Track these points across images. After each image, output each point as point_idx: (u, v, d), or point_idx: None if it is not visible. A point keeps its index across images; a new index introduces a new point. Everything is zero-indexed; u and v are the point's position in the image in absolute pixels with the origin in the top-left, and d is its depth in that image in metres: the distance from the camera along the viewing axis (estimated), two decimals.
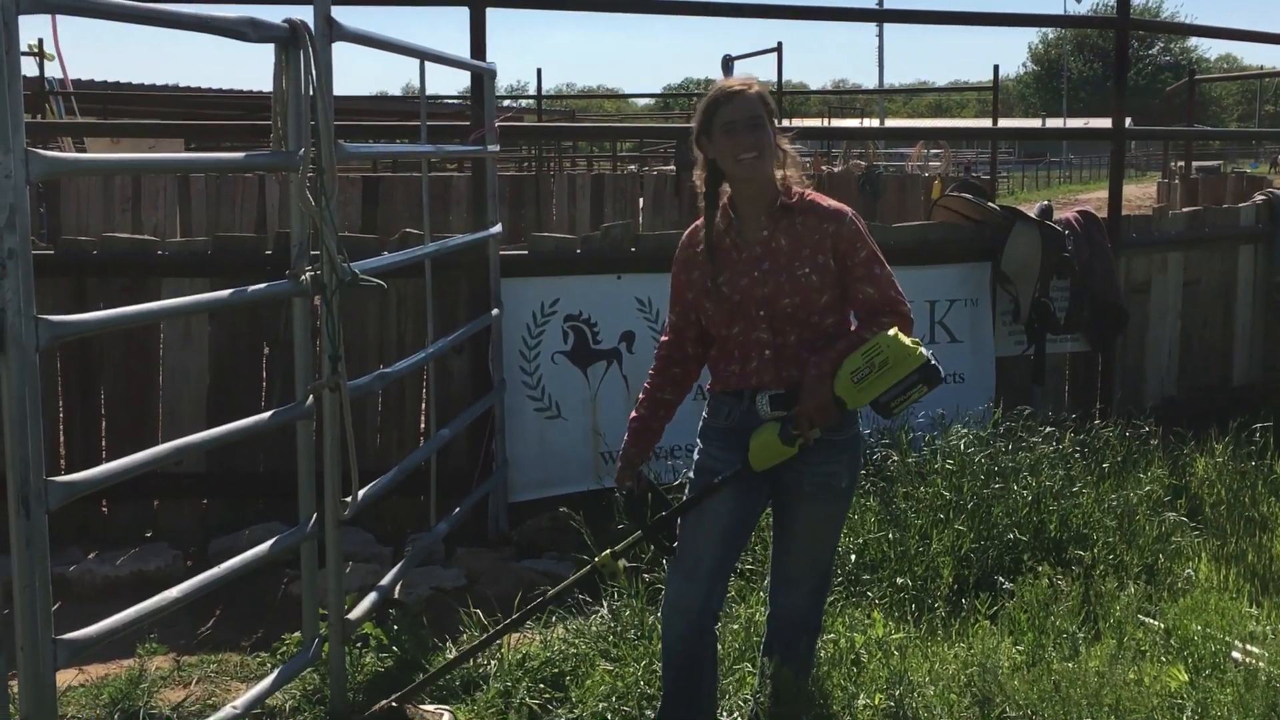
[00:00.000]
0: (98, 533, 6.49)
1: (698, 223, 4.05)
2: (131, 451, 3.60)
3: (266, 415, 4.32)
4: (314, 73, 4.09)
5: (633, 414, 4.17)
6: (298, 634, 4.89)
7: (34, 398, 3.01)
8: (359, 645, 4.96)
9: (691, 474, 4.09)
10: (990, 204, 7.97)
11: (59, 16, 8.84)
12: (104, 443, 6.64)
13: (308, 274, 4.22)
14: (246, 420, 4.17)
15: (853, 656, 4.60)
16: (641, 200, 16.61)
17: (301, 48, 4.05)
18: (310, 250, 4.26)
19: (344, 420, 4.30)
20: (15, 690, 3.11)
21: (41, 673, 3.08)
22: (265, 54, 4.08)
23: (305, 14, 4.18)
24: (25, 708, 3.08)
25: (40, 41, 14.72)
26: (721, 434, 3.99)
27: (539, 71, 23.67)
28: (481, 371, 6.64)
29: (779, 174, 3.94)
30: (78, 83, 17.72)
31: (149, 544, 6.38)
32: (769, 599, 4.27)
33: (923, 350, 3.77)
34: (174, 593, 3.63)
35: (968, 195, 8.08)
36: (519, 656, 4.78)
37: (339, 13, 4.33)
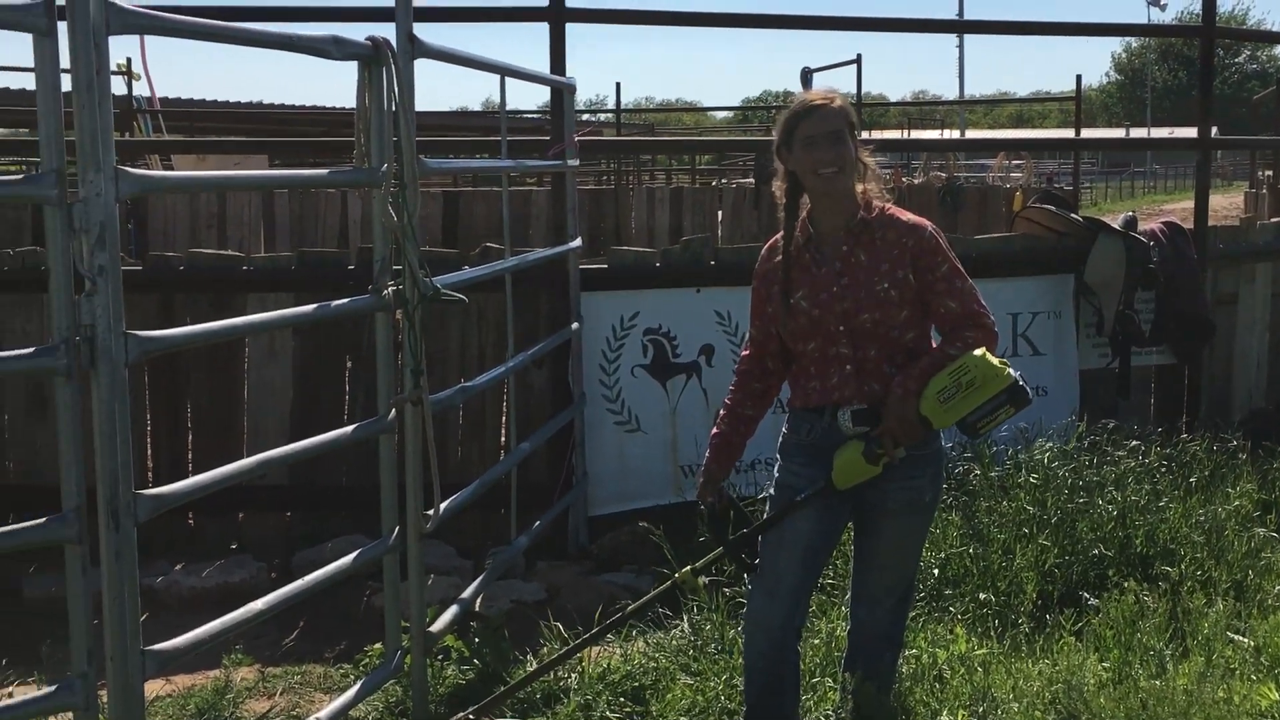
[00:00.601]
0: (184, 545, 6.58)
1: (777, 236, 4.03)
2: (217, 465, 3.65)
3: (350, 429, 4.36)
4: (396, 89, 4.13)
5: (714, 429, 4.16)
6: (380, 646, 4.93)
7: (123, 412, 3.06)
8: (440, 657, 4.98)
9: (772, 490, 4.07)
10: (1074, 215, 7.88)
11: (146, 36, 8.99)
12: (190, 456, 6.73)
13: (390, 289, 4.25)
14: (330, 434, 4.21)
15: (935, 672, 4.55)
16: (720, 213, 16.56)
17: (384, 65, 4.09)
18: (392, 265, 4.30)
19: (426, 434, 4.33)
20: (104, 700, 3.16)
21: (130, 683, 3.13)
22: (348, 71, 4.13)
23: (387, 31, 4.23)
24: (114, 717, 3.13)
25: (129, 61, 15.00)
26: (802, 450, 3.97)
27: (618, 85, 23.79)
28: (561, 385, 6.66)
29: (859, 188, 3.92)
30: (164, 100, 18.04)
31: (234, 556, 6.46)
32: (850, 614, 4.24)
33: (1011, 371, 3.73)
34: (259, 605, 3.67)
35: (1050, 207, 7.98)
36: (599, 670, 4.78)
37: (420, 29, 4.37)
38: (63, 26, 2.95)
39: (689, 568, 4.14)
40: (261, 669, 5.23)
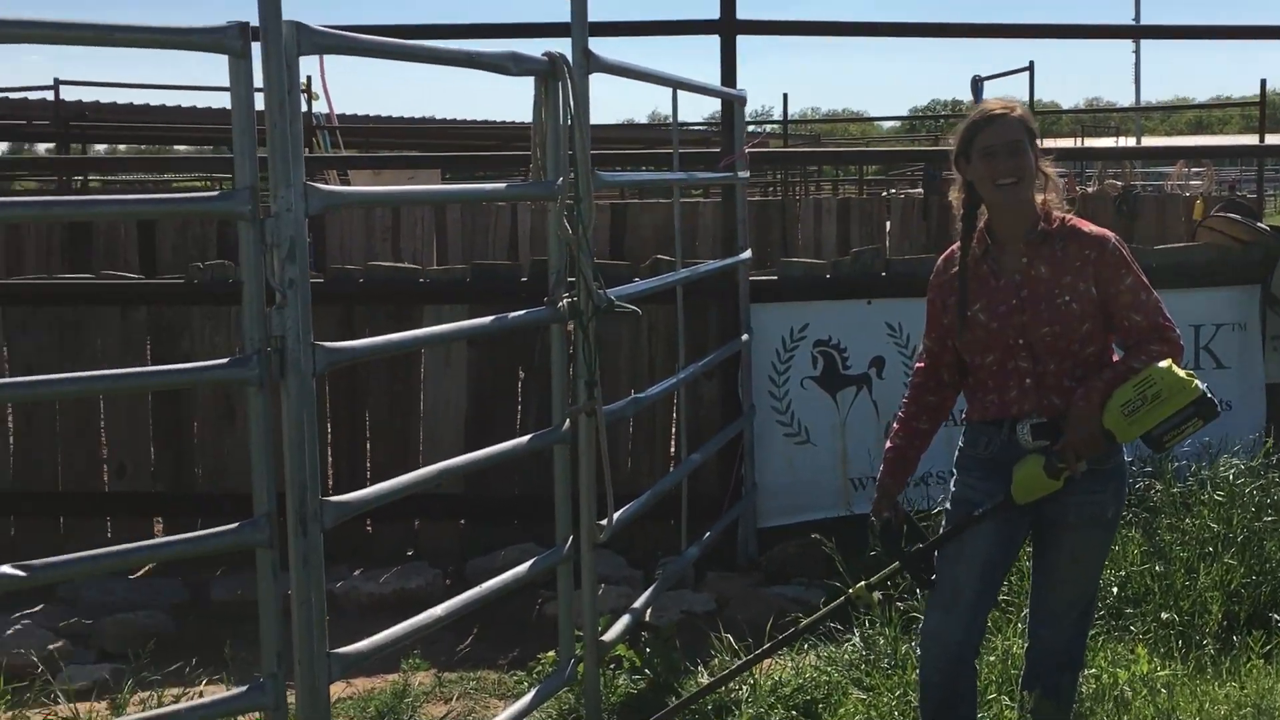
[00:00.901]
0: (363, 552, 6.74)
1: (954, 246, 3.97)
2: (394, 473, 3.73)
3: (526, 439, 4.41)
4: (572, 103, 4.18)
5: (888, 444, 4.11)
6: (552, 654, 4.98)
7: (311, 421, 3.15)
8: (612, 667, 5.02)
9: (948, 504, 4.01)
10: (1260, 224, 7.62)
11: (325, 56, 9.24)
12: (368, 464, 6.89)
13: (565, 300, 4.30)
14: (506, 444, 4.27)
15: (1116, 693, 4.43)
16: (888, 224, 16.42)
17: (560, 79, 4.14)
18: (566, 277, 4.35)
19: (600, 444, 4.36)
20: (292, 701, 3.25)
21: (317, 685, 3.22)
22: (516, 86, 4.19)
23: (561, 46, 4.28)
24: (302, 718, 3.22)
25: (309, 79, 15.44)
26: (980, 464, 3.90)
27: (785, 96, 23.72)
28: (731, 397, 6.66)
29: (1039, 199, 3.85)
30: (340, 117, 18.52)
31: (410, 563, 6.59)
32: (1029, 632, 4.16)
33: (1198, 383, 3.63)
34: (439, 611, 3.74)
35: (1234, 215, 7.73)
36: (771, 683, 4.77)
37: (592, 44, 4.41)
38: (255, 47, 3.05)
39: (863, 582, 4.10)
40: (438, 674, 5.33)
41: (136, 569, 6.50)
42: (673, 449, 6.87)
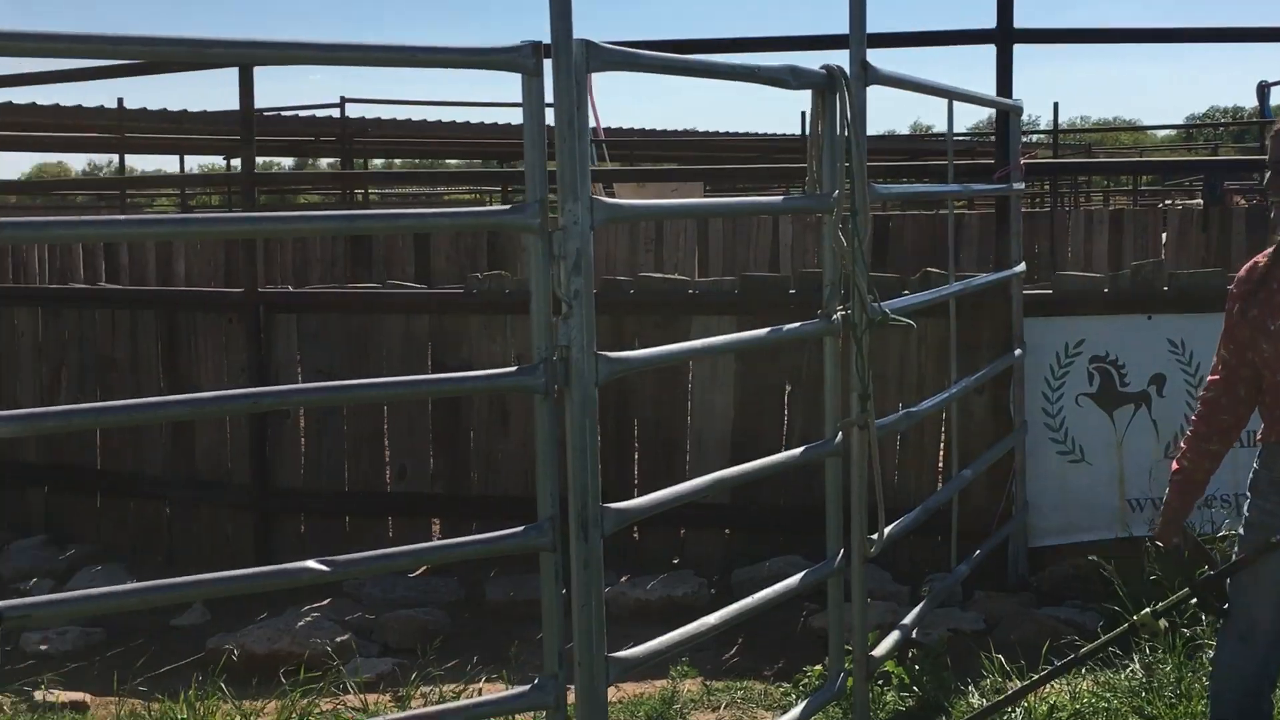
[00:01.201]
0: (630, 557, 6.84)
1: (1258, 256, 3.80)
2: (661, 481, 3.78)
3: (798, 452, 4.41)
4: (849, 116, 4.17)
5: (1174, 464, 3.94)
6: (819, 667, 4.98)
7: (593, 429, 3.23)
8: (880, 683, 4.98)
9: (1242, 529, 3.84)
10: None
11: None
12: (636, 472, 7.00)
13: (839, 313, 4.29)
14: (780, 456, 4.29)
15: None
16: (1164, 236, 15.81)
17: (837, 91, 4.14)
18: (840, 289, 4.33)
19: (872, 458, 4.34)
20: (571, 703, 3.32)
21: (596, 687, 3.28)
22: (774, 98, 4.20)
23: (835, 58, 4.27)
24: (581, 718, 3.29)
25: None
26: (1276, 487, 3.72)
27: (1055, 105, 23.10)
28: (1001, 412, 6.53)
29: None
30: (605, 130, 18.88)
31: (676, 571, 6.67)
32: None
33: None
34: (712, 619, 3.77)
35: None
36: (1046, 707, 4.66)
37: (868, 56, 4.39)
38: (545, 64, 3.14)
39: (1149, 609, 3.96)
40: (705, 682, 5.37)
41: (417, 567, 6.75)
42: (940, 464, 6.77)
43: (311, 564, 2.99)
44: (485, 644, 5.58)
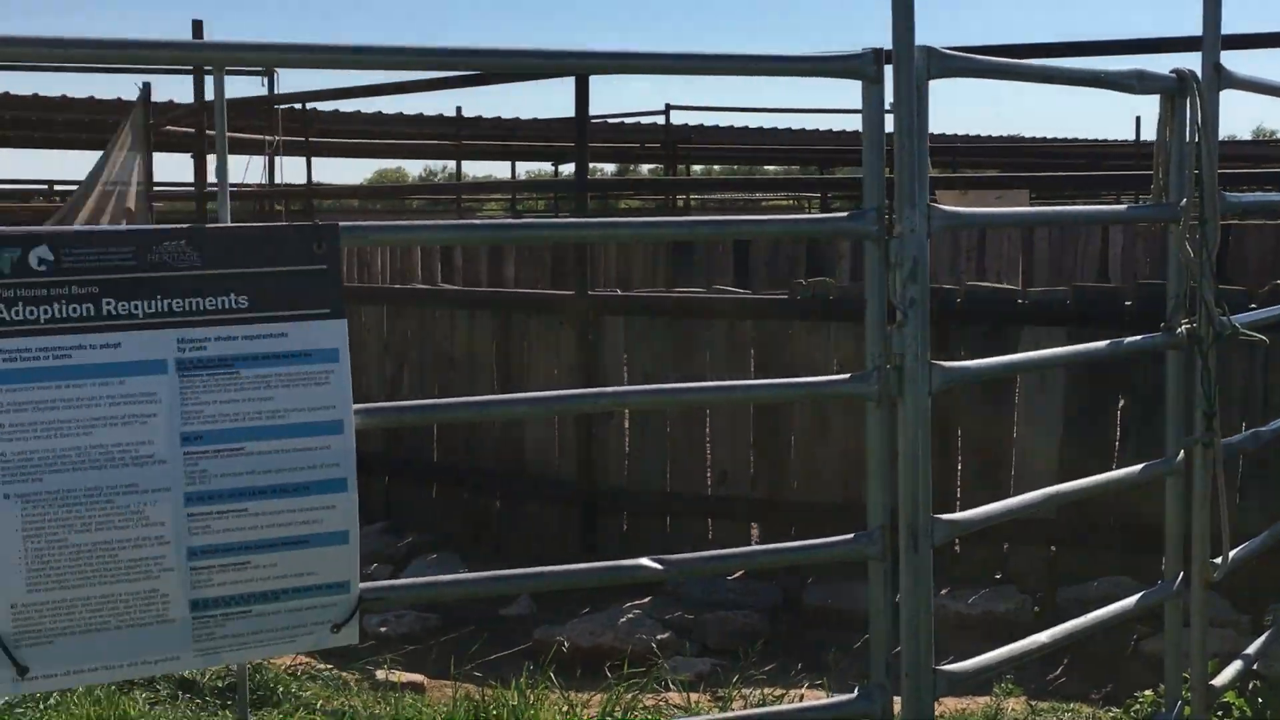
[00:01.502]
0: (950, 570, 6.74)
1: None
2: (983, 493, 3.73)
3: (1136, 469, 4.25)
4: (1200, 121, 4.01)
5: None
6: (1150, 693, 4.78)
7: (925, 439, 3.19)
8: (1219, 714, 4.75)
9: None
10: None
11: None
12: (958, 483, 6.88)
13: (1184, 326, 4.12)
14: (1119, 472, 4.15)
15: None
16: None
17: (1188, 96, 3.98)
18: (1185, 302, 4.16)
19: (1216, 479, 4.15)
20: (897, 713, 3.30)
21: (923, 699, 3.25)
22: (1101, 103, 4.06)
23: (1184, 61, 4.11)
24: None
25: None
26: None
27: None
28: None
29: None
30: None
31: (997, 586, 6.52)
32: None
33: None
34: (1043, 637, 3.68)
35: None
36: None
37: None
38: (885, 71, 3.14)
39: None
40: (1030, 701, 5.24)
41: (740, 569, 6.82)
42: None
43: (645, 561, 3.07)
44: (803, 649, 5.61)
